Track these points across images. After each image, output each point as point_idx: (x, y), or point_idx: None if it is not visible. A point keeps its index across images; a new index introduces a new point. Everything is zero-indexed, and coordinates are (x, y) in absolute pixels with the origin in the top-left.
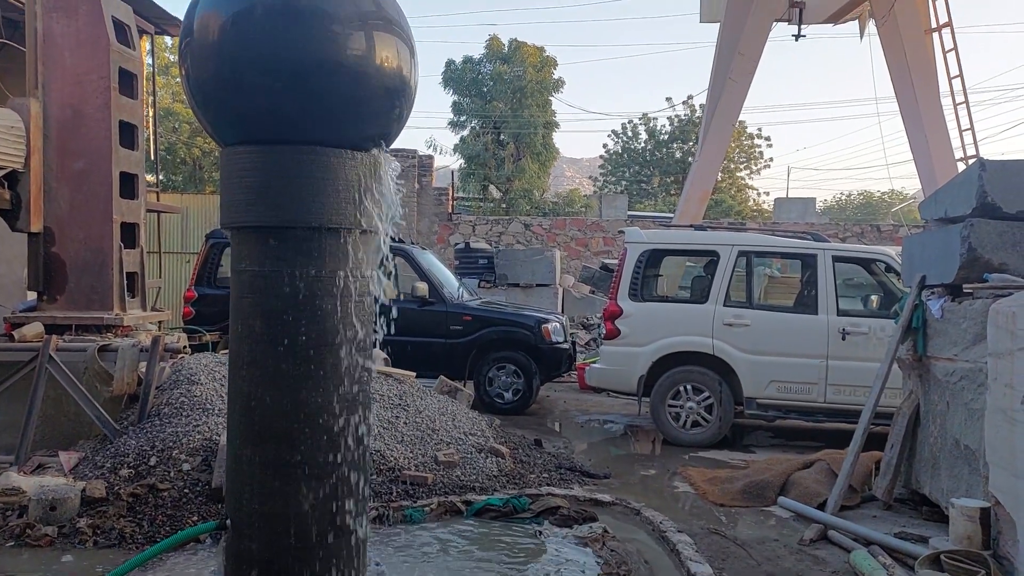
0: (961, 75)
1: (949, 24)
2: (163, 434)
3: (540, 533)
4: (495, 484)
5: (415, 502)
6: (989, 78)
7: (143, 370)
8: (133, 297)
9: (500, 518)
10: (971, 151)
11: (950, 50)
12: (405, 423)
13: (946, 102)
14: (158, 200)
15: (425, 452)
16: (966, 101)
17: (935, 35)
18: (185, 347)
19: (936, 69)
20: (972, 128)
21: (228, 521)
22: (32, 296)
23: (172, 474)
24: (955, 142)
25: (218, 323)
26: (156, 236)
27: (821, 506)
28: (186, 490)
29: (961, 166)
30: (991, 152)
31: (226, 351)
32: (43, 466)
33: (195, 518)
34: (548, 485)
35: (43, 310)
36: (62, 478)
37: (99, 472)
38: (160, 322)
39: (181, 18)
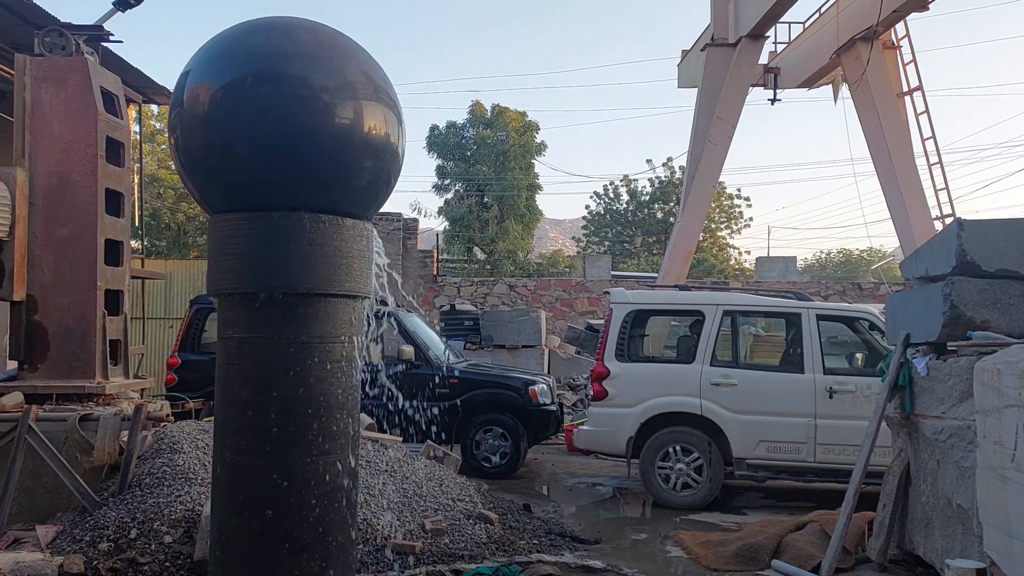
0: (934, 136)
1: (920, 88)
2: (144, 505)
3: None
4: (484, 552)
5: (403, 572)
6: (961, 139)
7: (125, 439)
8: (116, 364)
9: None
10: (947, 210)
11: (922, 113)
12: (392, 490)
13: (920, 163)
14: (143, 266)
15: (412, 519)
16: (940, 161)
17: (907, 98)
18: (168, 415)
19: (909, 131)
20: (947, 187)
21: None
22: (13, 365)
23: (153, 547)
24: (931, 201)
25: (202, 389)
26: (140, 302)
27: (815, 569)
28: (167, 563)
29: (938, 224)
30: (966, 210)
31: (210, 419)
32: (19, 540)
33: None
34: (538, 552)
35: (24, 379)
36: (39, 553)
37: (77, 546)
38: (143, 389)
39: (167, 86)
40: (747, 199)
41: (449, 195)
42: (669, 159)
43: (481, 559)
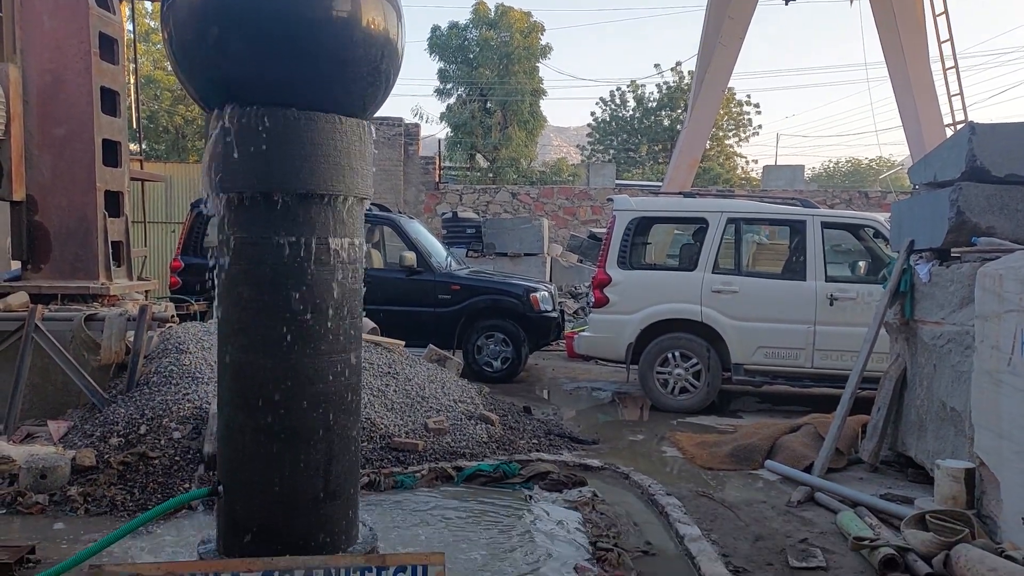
0: (951, 39)
1: None
2: (152, 403)
3: (530, 498)
4: (485, 450)
5: (406, 468)
6: (979, 42)
7: (131, 339)
8: (119, 266)
9: (490, 483)
10: (960, 116)
11: (940, 14)
12: (395, 391)
13: (936, 67)
14: (141, 168)
15: (415, 419)
16: (956, 66)
17: None
18: (173, 316)
19: (926, 33)
20: (961, 93)
21: (220, 487)
22: (16, 265)
23: (162, 442)
24: (944, 107)
25: (206, 292)
26: (140, 205)
27: (808, 469)
28: (177, 458)
29: (950, 132)
30: (980, 117)
31: (214, 320)
32: (32, 435)
33: (187, 485)
34: (537, 451)
35: (28, 279)
36: (51, 447)
37: (88, 441)
38: (147, 291)
39: None
40: (756, 106)
41: (451, 100)
42: (678, 63)
43: (482, 457)
